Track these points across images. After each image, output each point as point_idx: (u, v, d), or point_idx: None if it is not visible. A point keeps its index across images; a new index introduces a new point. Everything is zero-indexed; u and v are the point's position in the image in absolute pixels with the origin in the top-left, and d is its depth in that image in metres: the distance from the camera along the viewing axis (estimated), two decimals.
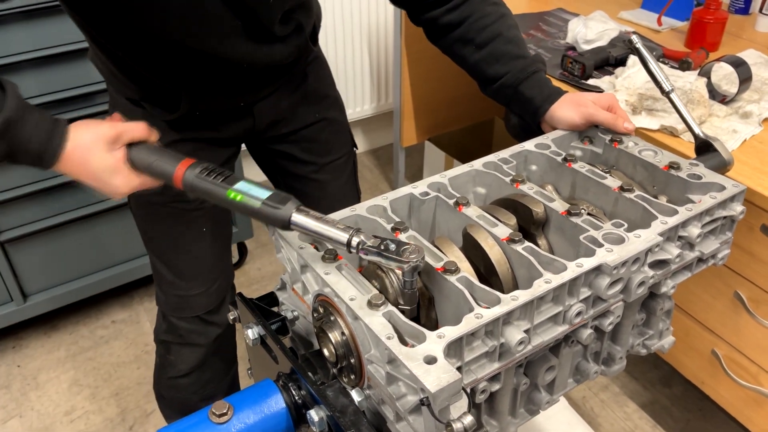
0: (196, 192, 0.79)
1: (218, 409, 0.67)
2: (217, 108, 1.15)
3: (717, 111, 1.47)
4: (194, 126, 1.16)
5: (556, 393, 0.86)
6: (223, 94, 1.12)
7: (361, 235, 0.70)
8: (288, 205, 0.73)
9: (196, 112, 1.13)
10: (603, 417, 1.90)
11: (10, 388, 2.03)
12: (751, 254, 1.37)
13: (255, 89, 1.15)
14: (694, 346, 1.59)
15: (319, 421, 0.67)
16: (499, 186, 0.93)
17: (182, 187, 0.81)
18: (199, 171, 0.79)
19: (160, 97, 1.11)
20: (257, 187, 0.76)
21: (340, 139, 1.35)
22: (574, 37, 1.80)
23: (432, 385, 0.58)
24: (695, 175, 0.90)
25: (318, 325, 0.73)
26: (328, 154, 1.33)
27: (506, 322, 0.69)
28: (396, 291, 0.73)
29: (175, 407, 1.50)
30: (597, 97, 1.03)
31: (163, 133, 1.14)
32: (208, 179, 0.78)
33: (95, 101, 1.90)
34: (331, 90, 1.34)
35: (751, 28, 1.94)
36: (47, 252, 2.01)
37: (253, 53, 1.05)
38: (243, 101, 1.16)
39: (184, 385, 1.42)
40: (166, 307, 1.34)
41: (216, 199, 0.78)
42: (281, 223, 0.73)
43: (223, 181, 0.77)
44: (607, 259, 0.74)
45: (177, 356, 1.39)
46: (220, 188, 0.77)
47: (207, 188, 0.78)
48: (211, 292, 1.31)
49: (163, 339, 1.39)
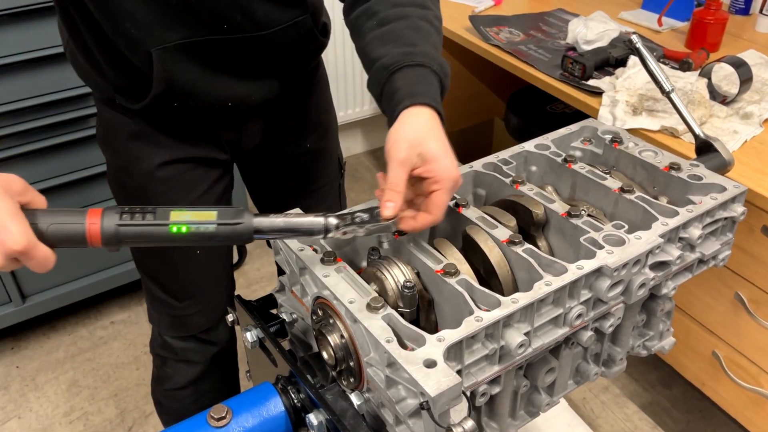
0: (124, 242, 0.65)
1: (217, 412, 0.67)
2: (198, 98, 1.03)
3: (717, 112, 1.47)
4: (180, 136, 1.10)
5: (556, 395, 0.85)
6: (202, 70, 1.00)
7: (332, 216, 0.70)
8: (245, 216, 0.67)
9: (173, 102, 1.02)
10: (603, 418, 1.90)
11: (9, 389, 2.02)
12: (752, 255, 1.37)
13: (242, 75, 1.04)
14: (694, 347, 1.58)
15: (318, 425, 0.67)
16: (498, 187, 0.92)
17: (102, 243, 0.65)
18: (119, 216, 0.65)
19: (133, 79, 1.01)
20: (198, 210, 0.66)
21: (327, 168, 1.31)
22: (575, 38, 1.80)
23: (432, 389, 0.58)
24: (696, 176, 0.89)
25: (317, 328, 0.73)
26: (314, 183, 1.30)
27: (506, 324, 0.68)
28: (395, 294, 0.73)
29: (172, 415, 1.46)
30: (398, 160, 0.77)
31: (151, 154, 1.09)
32: (137, 222, 0.64)
33: (88, 103, 1.90)
34: (324, 116, 1.27)
35: (752, 28, 1.93)
36: None
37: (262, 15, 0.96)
38: (230, 100, 1.06)
39: (181, 396, 1.37)
40: (159, 325, 1.27)
41: (155, 240, 0.65)
42: (246, 236, 0.67)
43: (156, 218, 0.65)
44: (608, 261, 0.74)
45: (173, 370, 1.33)
46: (157, 227, 0.65)
47: (140, 233, 0.65)
48: (209, 311, 1.24)
49: (159, 353, 1.33)
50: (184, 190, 1.13)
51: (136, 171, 1.11)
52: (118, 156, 1.13)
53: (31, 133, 1.83)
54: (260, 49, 1.02)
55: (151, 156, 1.10)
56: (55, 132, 1.88)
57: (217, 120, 1.11)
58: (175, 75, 0.98)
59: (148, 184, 1.11)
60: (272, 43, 1.01)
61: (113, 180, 1.18)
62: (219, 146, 1.14)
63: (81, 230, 0.64)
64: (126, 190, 1.15)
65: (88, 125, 1.92)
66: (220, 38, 0.96)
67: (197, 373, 1.33)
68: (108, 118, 1.11)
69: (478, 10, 2.10)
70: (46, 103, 1.82)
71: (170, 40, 0.94)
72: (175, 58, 0.96)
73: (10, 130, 1.79)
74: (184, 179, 1.13)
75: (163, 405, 1.46)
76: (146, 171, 1.10)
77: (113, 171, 1.16)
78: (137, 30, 0.93)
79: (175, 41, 0.94)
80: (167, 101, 1.01)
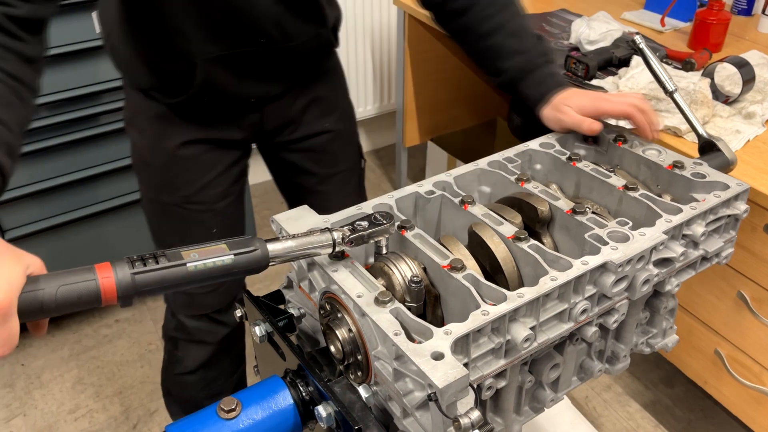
0: (143, 292, 0.61)
1: (226, 405, 0.68)
2: (228, 96, 1.16)
3: (720, 111, 1.48)
4: (204, 120, 1.18)
5: (561, 391, 0.86)
6: (236, 76, 1.13)
7: (335, 231, 0.72)
8: (258, 243, 0.66)
9: (205, 98, 1.13)
10: (606, 417, 1.91)
11: (14, 386, 2.03)
12: (754, 254, 1.38)
13: (268, 78, 1.17)
14: (697, 345, 1.59)
15: (327, 417, 0.68)
16: (504, 185, 0.93)
17: (118, 298, 0.61)
18: (131, 265, 0.61)
19: (173, 79, 1.12)
20: (209, 246, 0.65)
21: (347, 152, 1.37)
22: (578, 38, 1.81)
23: (440, 380, 0.59)
24: (699, 174, 0.90)
25: (325, 323, 0.74)
26: (334, 166, 1.34)
27: (512, 319, 0.69)
28: (403, 288, 0.74)
29: (181, 404, 1.51)
30: (579, 103, 1.00)
31: (173, 134, 1.18)
32: (152, 268, 0.61)
33: (102, 100, 1.91)
34: (343, 101, 1.35)
35: (754, 29, 1.94)
36: (51, 251, 2.02)
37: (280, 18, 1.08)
38: (254, 96, 1.18)
39: (191, 382, 1.43)
40: (174, 304, 1.35)
41: (175, 282, 0.63)
42: (263, 263, 0.66)
43: (169, 260, 0.62)
44: (613, 257, 0.74)
45: (184, 353, 1.40)
46: (175, 268, 0.62)
47: (159, 278, 0.61)
48: (220, 292, 1.32)
49: (171, 335, 1.40)
50: (201, 171, 1.22)
51: (159, 149, 1.20)
52: (144, 135, 1.22)
53: (39, 132, 1.85)
54: (285, 58, 1.16)
55: (174, 135, 1.19)
56: (64, 131, 1.90)
57: (239, 108, 1.21)
58: (212, 80, 1.11)
59: (170, 162, 1.20)
60: (297, 52, 1.16)
61: (137, 160, 1.26)
62: (239, 126, 1.22)
63: (94, 287, 0.59)
64: (148, 168, 1.24)
65: (97, 123, 1.94)
66: (254, 50, 1.11)
67: (207, 356, 1.39)
68: (136, 101, 1.20)
69: None
70: (64, 99, 1.84)
71: (212, 53, 1.08)
72: (214, 67, 1.10)
73: None
74: (202, 160, 1.21)
75: (172, 394, 1.51)
76: (168, 150, 1.19)
77: (138, 151, 1.25)
78: (185, 44, 1.07)
79: (216, 53, 1.09)
80: (200, 98, 1.14)
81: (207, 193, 1.23)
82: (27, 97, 0.80)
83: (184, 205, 1.22)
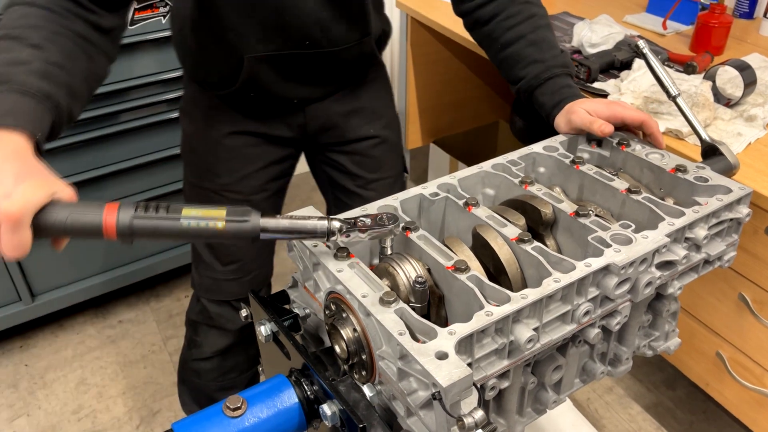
0: (138, 235, 0.68)
1: (232, 403, 0.68)
2: (270, 94, 1.21)
3: (722, 114, 1.49)
4: (251, 114, 1.24)
5: (563, 393, 0.86)
6: (279, 77, 1.18)
7: (336, 220, 0.73)
8: (252, 216, 0.69)
9: (250, 93, 1.20)
10: (607, 419, 1.91)
11: (18, 387, 2.04)
12: (756, 257, 1.38)
13: (310, 82, 1.22)
14: (698, 348, 1.60)
15: (331, 415, 0.68)
16: (507, 187, 0.94)
17: (117, 236, 0.67)
18: (135, 211, 0.67)
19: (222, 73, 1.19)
20: (209, 209, 0.69)
21: (392, 159, 1.40)
22: (580, 41, 1.82)
23: (444, 379, 0.59)
24: (702, 178, 0.91)
25: (330, 322, 0.75)
26: (378, 171, 1.37)
27: (516, 320, 0.70)
28: (407, 289, 0.74)
29: (193, 394, 1.57)
30: (594, 107, 1.00)
31: (222, 123, 1.26)
32: (150, 215, 0.67)
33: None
34: (388, 111, 1.40)
35: (756, 32, 1.95)
36: (55, 252, 2.02)
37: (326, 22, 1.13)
38: (296, 97, 1.23)
39: (206, 369, 1.48)
40: (199, 288, 1.40)
41: (167, 234, 0.68)
42: (252, 234, 0.70)
43: (169, 213, 0.68)
44: (615, 259, 0.75)
45: (204, 338, 1.45)
46: (169, 221, 0.67)
47: (152, 227, 0.67)
48: (244, 282, 1.37)
49: (194, 319, 1.46)
50: (243, 162, 1.29)
51: (207, 137, 1.29)
52: (194, 123, 1.31)
53: None
54: (329, 63, 1.20)
55: (222, 125, 1.27)
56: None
57: (283, 107, 1.27)
58: (257, 78, 1.17)
59: (215, 149, 1.28)
60: (340, 58, 1.20)
61: (185, 146, 1.36)
62: (287, 124, 1.29)
63: (98, 222, 0.67)
64: (194, 154, 1.32)
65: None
66: (300, 53, 1.16)
67: (225, 344, 1.45)
68: (192, 92, 1.30)
69: None
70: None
71: (261, 51, 1.14)
72: (261, 66, 1.16)
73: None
74: (246, 152, 1.29)
75: (186, 382, 1.57)
76: (215, 138, 1.28)
77: (187, 138, 1.35)
78: (237, 39, 1.13)
79: (264, 53, 1.14)
80: (246, 93, 1.21)
81: (246, 183, 1.30)
82: (96, 57, 0.87)
83: (222, 192, 1.29)
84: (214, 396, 1.52)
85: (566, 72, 1.08)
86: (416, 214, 0.90)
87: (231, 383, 1.52)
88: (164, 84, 1.99)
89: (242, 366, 1.52)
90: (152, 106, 1.99)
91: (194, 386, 1.55)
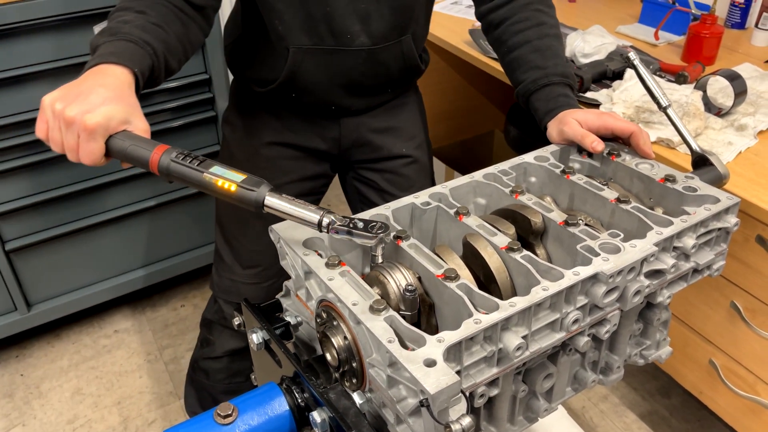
0: (171, 176, 0.79)
1: (223, 410, 0.69)
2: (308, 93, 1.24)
3: (713, 124, 1.50)
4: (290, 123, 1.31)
5: (555, 401, 0.87)
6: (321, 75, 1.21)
7: (332, 215, 0.76)
8: (261, 188, 0.76)
9: (292, 94, 1.24)
10: (602, 427, 1.91)
11: (14, 396, 2.04)
12: (747, 265, 1.39)
13: (351, 90, 1.25)
14: (691, 356, 1.60)
15: (321, 423, 0.69)
16: (498, 197, 0.95)
17: (158, 172, 0.80)
18: (175, 155, 0.79)
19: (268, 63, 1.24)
20: (233, 172, 0.78)
21: (422, 180, 1.43)
22: (572, 51, 1.83)
23: (431, 386, 0.60)
24: (690, 188, 0.92)
25: (321, 330, 0.75)
26: (408, 191, 1.38)
27: (504, 327, 0.70)
28: (397, 297, 0.75)
29: (198, 394, 1.60)
30: (585, 117, 1.02)
31: (261, 133, 1.32)
32: (183, 163, 0.78)
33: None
34: (421, 133, 1.42)
35: (747, 42, 1.97)
36: (51, 261, 2.03)
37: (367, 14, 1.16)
38: (334, 104, 1.26)
39: (215, 369, 1.52)
40: (218, 288, 1.45)
41: (192, 183, 0.78)
42: (255, 204, 0.76)
43: (199, 165, 0.78)
44: (604, 267, 0.76)
45: (217, 337, 1.50)
46: (195, 172, 0.78)
47: (182, 172, 0.78)
48: (263, 287, 1.41)
49: (209, 318, 1.50)
50: (277, 172, 1.35)
51: (246, 144, 1.36)
52: (236, 131, 1.38)
53: (40, 143, 1.86)
54: (370, 65, 1.23)
55: (262, 134, 1.34)
56: None
57: (320, 113, 1.31)
58: (300, 71, 1.21)
59: (253, 157, 1.34)
60: (380, 60, 1.23)
61: (225, 152, 1.42)
62: (322, 137, 1.33)
63: (146, 157, 0.80)
64: (232, 160, 1.37)
65: None
66: (341, 49, 1.19)
67: (237, 346, 1.50)
68: (236, 102, 1.37)
69: (477, 25, 2.13)
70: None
71: (305, 43, 1.18)
72: (304, 59, 1.20)
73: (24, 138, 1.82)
74: (281, 163, 1.34)
75: (194, 381, 1.61)
76: (254, 146, 1.34)
77: (227, 145, 1.41)
78: (283, 28, 1.17)
79: (308, 45, 1.18)
80: (287, 92, 1.25)
81: None
82: (189, 26, 1.00)
83: None
84: (218, 398, 1.54)
85: (565, 81, 1.10)
86: (408, 223, 0.91)
87: (237, 387, 1.55)
88: (169, 92, 2.01)
89: (249, 371, 1.54)
90: (157, 114, 2.00)
91: (201, 386, 1.58)
